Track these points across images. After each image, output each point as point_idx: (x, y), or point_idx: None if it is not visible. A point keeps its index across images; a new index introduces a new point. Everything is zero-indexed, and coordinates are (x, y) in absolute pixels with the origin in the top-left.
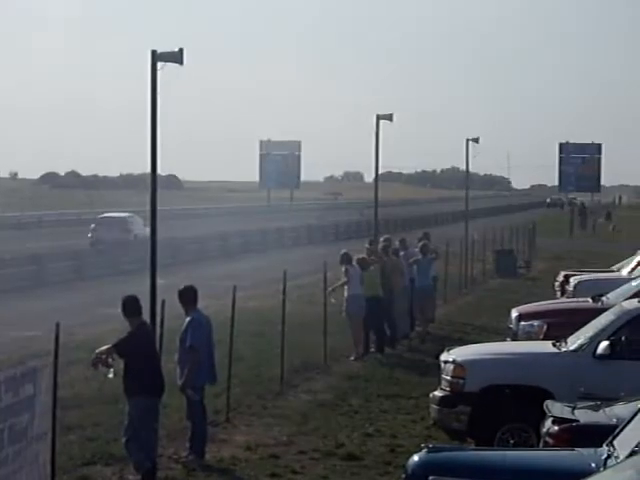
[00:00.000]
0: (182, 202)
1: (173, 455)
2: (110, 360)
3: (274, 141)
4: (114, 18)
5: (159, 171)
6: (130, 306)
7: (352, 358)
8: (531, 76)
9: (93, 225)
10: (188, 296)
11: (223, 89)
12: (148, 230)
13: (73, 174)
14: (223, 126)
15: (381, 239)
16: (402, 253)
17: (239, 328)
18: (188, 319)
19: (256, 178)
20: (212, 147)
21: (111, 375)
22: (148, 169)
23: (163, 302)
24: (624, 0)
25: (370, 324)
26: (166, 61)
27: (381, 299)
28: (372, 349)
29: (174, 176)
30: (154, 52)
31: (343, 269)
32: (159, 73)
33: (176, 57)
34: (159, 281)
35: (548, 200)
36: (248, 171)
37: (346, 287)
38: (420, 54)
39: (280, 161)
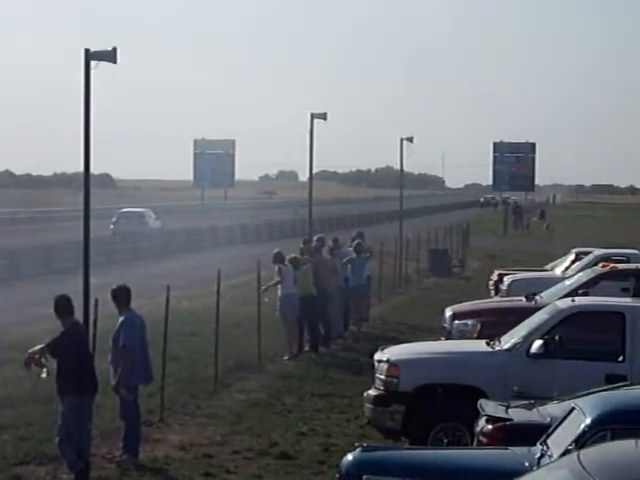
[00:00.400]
0: (115, 201)
1: (107, 454)
2: (43, 360)
3: (208, 140)
4: (46, 16)
5: (92, 170)
6: (62, 306)
7: (286, 357)
8: (466, 75)
9: (114, 218)
10: (121, 296)
11: (157, 88)
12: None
13: (7, 173)
14: (158, 125)
15: (314, 238)
16: (336, 252)
17: (173, 328)
18: (121, 319)
19: (190, 177)
20: (146, 146)
21: (44, 375)
22: (82, 168)
23: (96, 301)
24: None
25: (304, 323)
26: (100, 60)
27: (315, 298)
28: (306, 348)
29: (107, 175)
30: (87, 51)
31: (276, 268)
32: (92, 72)
33: (110, 56)
34: (93, 280)
35: (481, 199)
36: (182, 170)
37: (279, 286)
38: (355, 53)
39: (214, 160)
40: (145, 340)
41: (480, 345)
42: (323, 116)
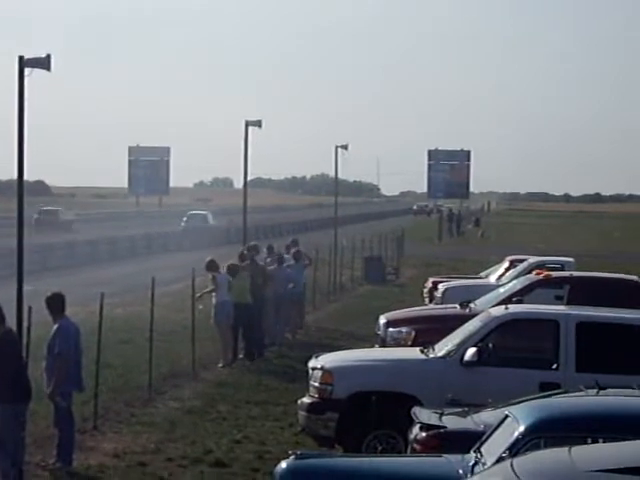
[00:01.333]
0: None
1: (40, 462)
2: None
3: (143, 147)
4: None
5: (26, 177)
6: None
7: (220, 365)
8: (401, 82)
9: (185, 218)
10: (56, 303)
11: (91, 95)
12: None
13: None
14: (92, 132)
15: (247, 246)
16: (269, 259)
17: (107, 335)
18: (56, 326)
19: (125, 184)
20: (81, 153)
21: None
22: (15, 175)
23: (30, 309)
24: (495, 3)
25: (239, 331)
26: (34, 67)
27: (250, 306)
28: (241, 356)
29: (42, 182)
30: (21, 58)
31: (210, 276)
32: (26, 79)
33: (44, 63)
34: (26, 287)
35: (414, 207)
36: (117, 177)
37: (214, 294)
38: (290, 59)
39: (149, 167)
40: (79, 348)
41: (414, 352)
42: (258, 123)
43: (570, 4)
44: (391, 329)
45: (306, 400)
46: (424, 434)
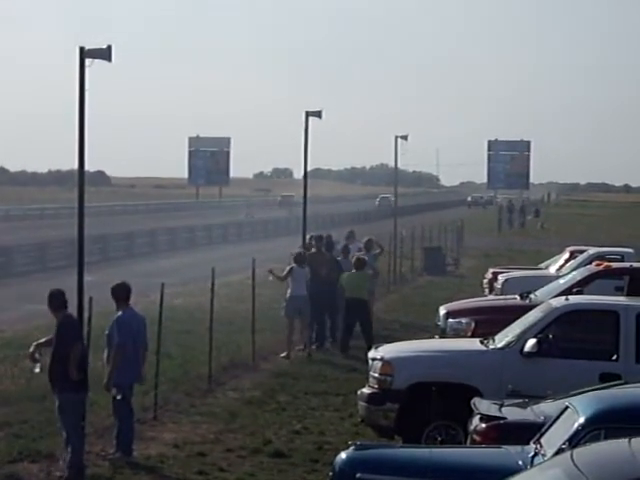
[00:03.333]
0: (110, 198)
1: (100, 452)
2: (37, 355)
3: (203, 137)
4: (41, 12)
5: (87, 167)
6: (56, 300)
7: (283, 355)
8: (460, 73)
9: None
10: (120, 292)
11: (152, 85)
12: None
13: (1, 170)
14: (153, 122)
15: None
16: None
17: (167, 326)
18: (116, 316)
19: (185, 174)
20: (141, 143)
21: (37, 370)
22: (76, 165)
23: (90, 299)
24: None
25: (346, 323)
26: (94, 58)
27: (366, 302)
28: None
29: (102, 172)
30: (82, 49)
31: (289, 267)
32: (87, 70)
33: (104, 54)
34: (87, 278)
35: (469, 199)
36: (177, 167)
37: (289, 287)
38: (349, 51)
39: (209, 157)
40: (143, 339)
41: (474, 343)
42: (318, 114)
43: None
44: (451, 320)
45: (366, 391)
46: (484, 425)
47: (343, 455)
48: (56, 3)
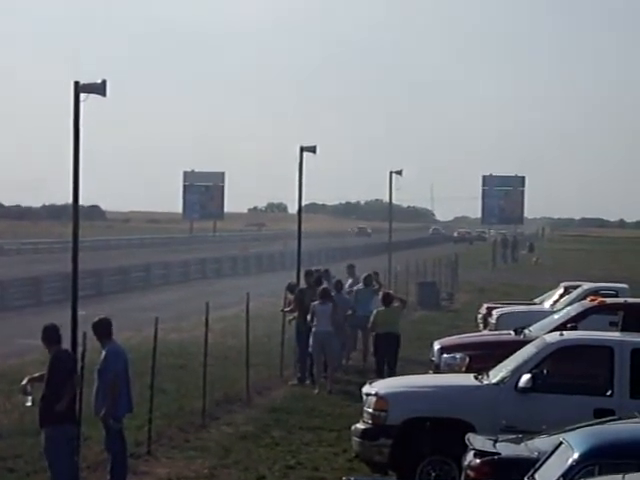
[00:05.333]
0: (104, 233)
1: None
2: (29, 388)
3: (198, 172)
4: (35, 47)
5: (81, 202)
6: (49, 334)
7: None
8: (455, 108)
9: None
10: (103, 328)
11: (147, 120)
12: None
13: None
14: (147, 157)
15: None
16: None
17: (161, 360)
18: (105, 351)
19: (179, 209)
20: (136, 178)
21: (29, 403)
22: (71, 200)
23: (84, 334)
24: (545, 34)
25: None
26: (89, 92)
27: (398, 336)
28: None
29: (97, 206)
30: (77, 83)
31: (313, 305)
32: (82, 104)
33: (99, 89)
34: (81, 312)
35: (455, 234)
36: (172, 201)
37: (314, 324)
38: (342, 85)
39: (204, 192)
40: (127, 371)
41: (468, 379)
42: (312, 149)
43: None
44: (445, 355)
45: (360, 426)
46: (478, 461)
47: None
48: (51, 37)
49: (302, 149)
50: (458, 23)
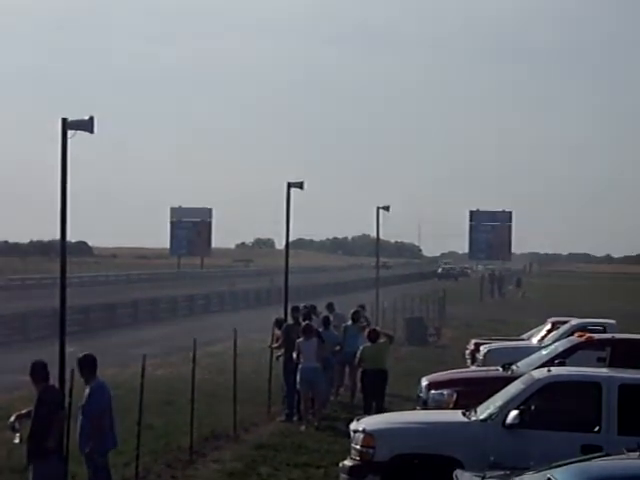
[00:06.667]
0: (92, 269)
1: None
2: (17, 425)
3: (185, 208)
4: (21, 83)
5: (69, 238)
6: (38, 371)
7: (281, 419)
8: (442, 144)
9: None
10: (88, 365)
11: (134, 156)
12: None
13: None
14: (134, 193)
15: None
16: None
17: (148, 397)
18: (90, 388)
19: (167, 245)
20: (123, 214)
21: (17, 440)
22: (58, 236)
23: (72, 372)
24: (527, 65)
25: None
26: (76, 129)
27: (386, 372)
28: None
29: (84, 242)
30: (64, 120)
31: (298, 340)
32: (69, 141)
33: (86, 125)
34: (68, 349)
35: (439, 270)
36: (159, 237)
37: (301, 360)
38: (331, 121)
39: (191, 228)
40: (111, 407)
41: (456, 415)
42: (300, 185)
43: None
44: (433, 391)
45: (348, 463)
46: None
47: None
48: (36, 73)
49: (289, 185)
50: (444, 54)
